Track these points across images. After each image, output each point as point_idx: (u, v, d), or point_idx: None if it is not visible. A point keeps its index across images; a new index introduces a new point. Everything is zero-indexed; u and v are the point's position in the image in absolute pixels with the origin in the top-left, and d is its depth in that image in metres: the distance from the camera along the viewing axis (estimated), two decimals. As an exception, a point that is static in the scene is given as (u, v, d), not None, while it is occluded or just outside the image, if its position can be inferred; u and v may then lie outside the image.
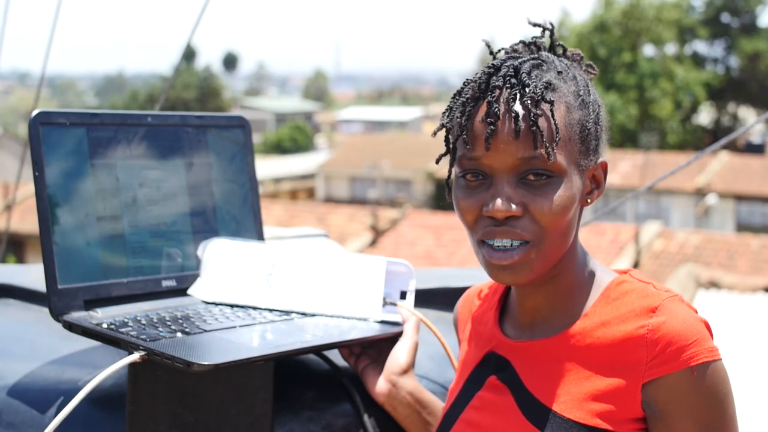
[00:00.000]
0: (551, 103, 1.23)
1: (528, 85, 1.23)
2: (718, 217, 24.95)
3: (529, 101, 1.22)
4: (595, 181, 1.32)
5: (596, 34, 33.35)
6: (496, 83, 1.25)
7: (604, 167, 1.33)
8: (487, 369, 1.37)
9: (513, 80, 1.25)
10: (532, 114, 1.21)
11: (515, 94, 1.23)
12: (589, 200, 1.31)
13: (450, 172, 1.32)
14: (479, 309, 1.47)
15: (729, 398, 1.23)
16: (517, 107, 1.22)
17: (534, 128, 1.21)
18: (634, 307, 1.25)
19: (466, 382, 1.40)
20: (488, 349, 1.39)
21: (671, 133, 33.62)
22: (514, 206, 1.23)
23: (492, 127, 1.22)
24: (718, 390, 1.21)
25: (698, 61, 36.79)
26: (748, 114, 37.44)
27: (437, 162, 1.37)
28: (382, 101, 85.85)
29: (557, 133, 1.22)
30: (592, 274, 1.33)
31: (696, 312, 1.25)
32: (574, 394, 1.25)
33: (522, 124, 1.22)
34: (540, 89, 1.23)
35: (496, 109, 1.23)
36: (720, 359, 1.22)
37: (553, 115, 1.23)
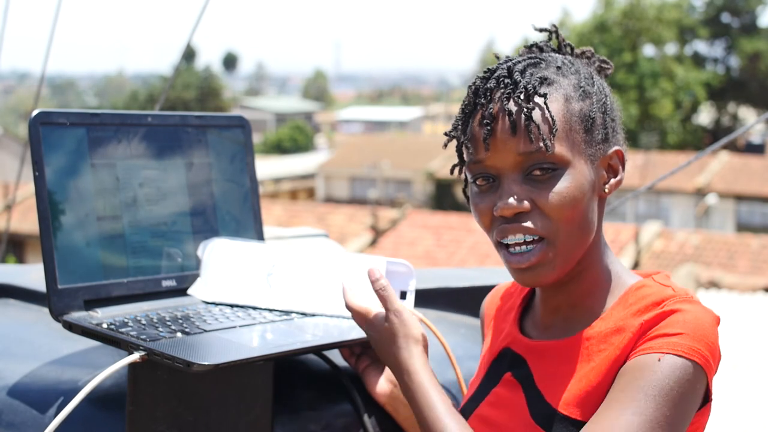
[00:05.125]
0: (545, 96, 1.23)
1: (520, 83, 1.24)
2: (718, 217, 24.94)
3: (521, 96, 1.23)
4: (612, 170, 1.31)
5: (596, 34, 33.30)
6: (491, 85, 1.26)
7: (620, 155, 1.31)
8: (503, 365, 1.37)
9: (506, 80, 1.26)
10: (525, 109, 1.22)
11: (508, 93, 1.24)
12: (607, 190, 1.30)
13: (465, 181, 1.34)
14: (504, 306, 1.47)
15: (683, 405, 1.15)
16: (511, 105, 1.23)
17: (528, 122, 1.22)
18: (644, 305, 1.24)
19: (484, 377, 1.41)
20: (504, 344, 1.39)
21: (671, 133, 33.59)
22: (520, 202, 1.23)
23: (488, 127, 1.24)
24: (678, 389, 1.15)
25: (698, 61, 36.77)
26: (748, 114, 37.41)
27: (451, 172, 1.38)
28: (382, 101, 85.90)
29: (554, 124, 1.23)
30: (615, 275, 1.32)
31: (716, 319, 1.21)
32: (576, 393, 1.24)
33: (516, 120, 1.22)
34: (533, 84, 1.24)
35: (491, 109, 1.24)
36: (697, 362, 1.16)
37: (548, 107, 1.23)
